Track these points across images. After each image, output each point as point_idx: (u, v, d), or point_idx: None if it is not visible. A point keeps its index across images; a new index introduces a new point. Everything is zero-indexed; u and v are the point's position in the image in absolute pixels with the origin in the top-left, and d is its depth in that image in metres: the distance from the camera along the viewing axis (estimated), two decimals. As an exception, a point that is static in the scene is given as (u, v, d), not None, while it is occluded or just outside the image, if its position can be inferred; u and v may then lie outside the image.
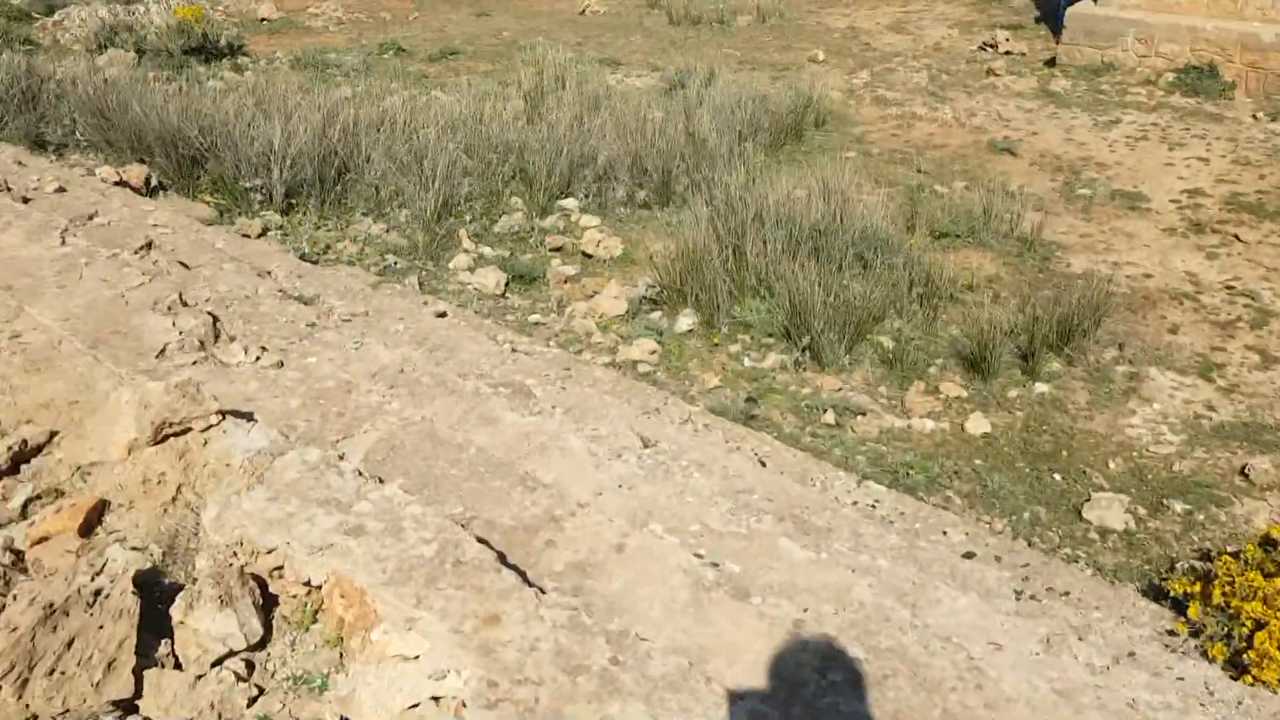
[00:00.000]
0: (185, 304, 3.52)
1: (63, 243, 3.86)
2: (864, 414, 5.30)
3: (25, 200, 5.25)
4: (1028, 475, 4.89)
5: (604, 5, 15.44)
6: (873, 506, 4.34)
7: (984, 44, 12.27)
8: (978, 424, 5.30)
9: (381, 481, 2.27)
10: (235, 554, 2.12)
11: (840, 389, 5.52)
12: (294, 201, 6.87)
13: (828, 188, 6.96)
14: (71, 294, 3.52)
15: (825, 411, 5.27)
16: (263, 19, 14.30)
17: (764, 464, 4.44)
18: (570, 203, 7.69)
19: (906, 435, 5.20)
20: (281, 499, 2.18)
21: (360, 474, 2.26)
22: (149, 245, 4.51)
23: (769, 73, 11.31)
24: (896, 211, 7.39)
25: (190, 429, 2.55)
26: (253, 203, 6.67)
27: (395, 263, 6.48)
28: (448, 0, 15.90)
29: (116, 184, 6.37)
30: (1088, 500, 4.63)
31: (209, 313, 3.70)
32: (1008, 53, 11.89)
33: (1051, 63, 11.55)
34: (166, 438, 2.56)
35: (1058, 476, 4.85)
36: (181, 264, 4.56)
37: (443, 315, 5.52)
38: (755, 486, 3.75)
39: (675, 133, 8.45)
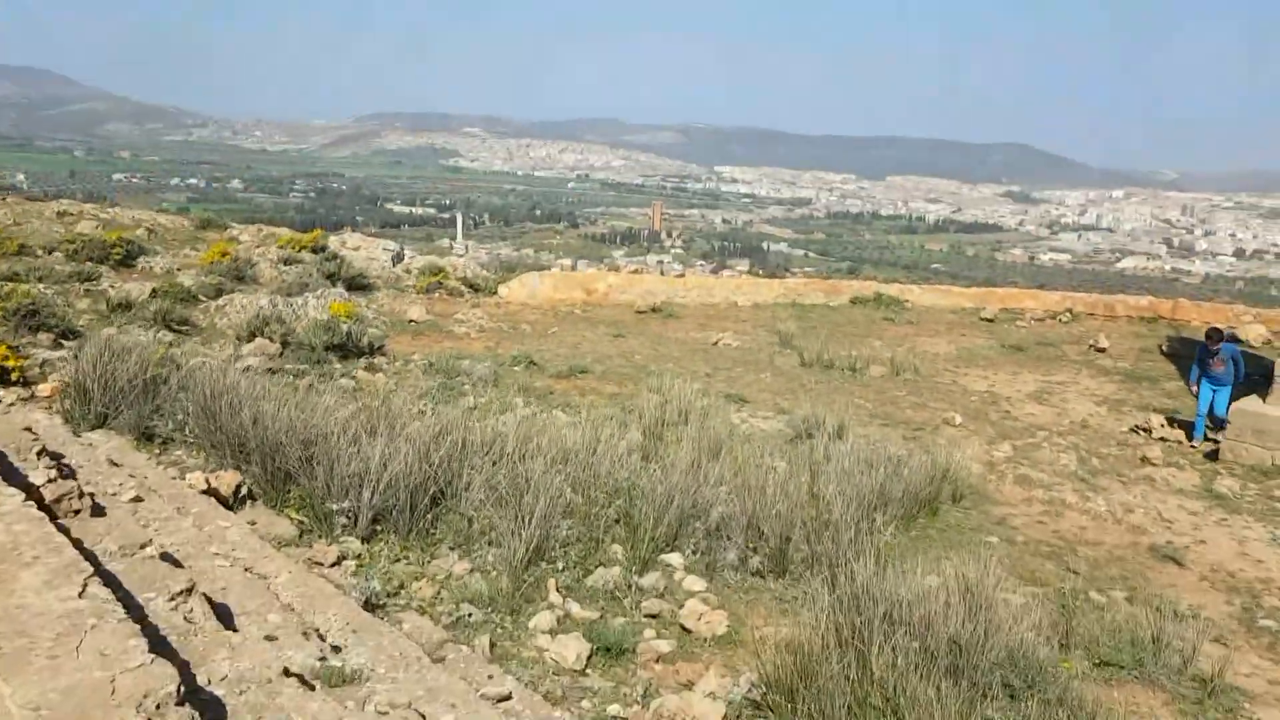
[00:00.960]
0: (181, 701, 2.90)
1: (81, 593, 3.36)
2: None
3: (95, 511, 4.91)
4: None
5: (737, 340, 15.54)
6: None
7: (1136, 426, 11.49)
8: None
9: None
10: None
11: None
12: (379, 528, 6.39)
13: (969, 587, 6.06)
14: (59, 670, 2.95)
15: None
16: (411, 320, 14.90)
17: None
18: (675, 558, 7.01)
19: None
20: None
21: None
22: (190, 590, 3.99)
23: (901, 431, 10.76)
24: (1048, 622, 6.38)
25: None
26: (335, 525, 6.23)
27: (470, 614, 5.81)
28: (587, 319, 16.39)
29: (204, 492, 6.05)
30: None
31: (205, 713, 3.05)
32: (1163, 439, 11.04)
33: (1214, 456, 10.66)
34: None
35: None
36: (218, 617, 3.99)
37: (506, 699, 4.72)
38: None
39: (797, 491, 7.82)
